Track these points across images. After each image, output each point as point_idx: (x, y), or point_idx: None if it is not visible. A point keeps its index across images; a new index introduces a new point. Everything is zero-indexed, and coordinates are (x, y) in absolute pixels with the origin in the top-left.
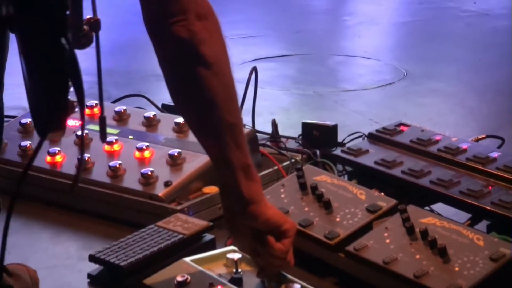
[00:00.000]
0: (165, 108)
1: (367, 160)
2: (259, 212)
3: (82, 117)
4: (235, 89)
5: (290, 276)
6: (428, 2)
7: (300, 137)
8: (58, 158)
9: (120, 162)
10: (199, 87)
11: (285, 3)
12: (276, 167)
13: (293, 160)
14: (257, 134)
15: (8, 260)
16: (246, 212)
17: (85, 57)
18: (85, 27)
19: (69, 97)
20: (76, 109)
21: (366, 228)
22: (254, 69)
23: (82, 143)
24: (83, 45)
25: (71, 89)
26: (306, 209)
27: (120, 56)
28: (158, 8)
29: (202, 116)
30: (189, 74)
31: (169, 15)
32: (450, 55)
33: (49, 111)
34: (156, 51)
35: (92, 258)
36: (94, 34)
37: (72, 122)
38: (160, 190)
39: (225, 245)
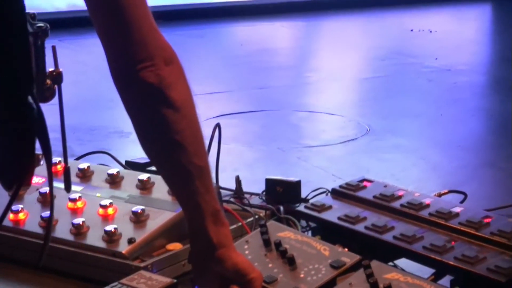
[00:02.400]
0: (128, 165)
1: (330, 216)
2: (228, 257)
3: (49, 175)
4: (202, 133)
5: None
6: (390, 58)
7: (264, 193)
8: (21, 215)
9: (83, 219)
10: (168, 130)
11: (248, 59)
12: (239, 224)
13: (256, 216)
14: (221, 190)
15: None
16: (214, 256)
17: (47, 114)
18: (48, 80)
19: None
20: (41, 162)
21: (330, 284)
22: (218, 125)
23: (52, 200)
24: (47, 98)
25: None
26: (270, 265)
27: (83, 113)
28: (125, 54)
29: (171, 159)
30: (158, 118)
31: (137, 61)
32: (413, 110)
33: (16, 166)
34: (122, 97)
35: None
36: (56, 87)
37: (35, 179)
38: (123, 247)
39: None
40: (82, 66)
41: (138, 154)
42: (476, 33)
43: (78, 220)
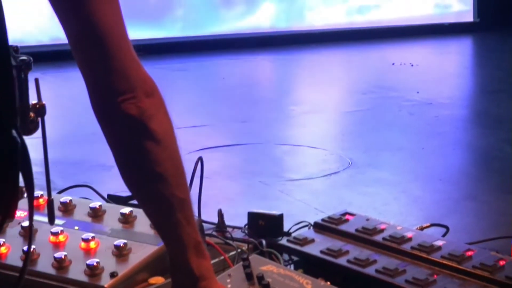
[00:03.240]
0: (111, 199)
1: (313, 250)
2: None
3: (30, 208)
4: (183, 165)
5: None
6: (372, 91)
7: (246, 226)
8: (3, 249)
9: (65, 253)
10: (149, 162)
11: (230, 93)
12: (222, 257)
13: (239, 250)
14: (203, 224)
15: None
16: None
17: (29, 147)
18: (31, 113)
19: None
20: (25, 195)
21: None
22: (200, 159)
23: (30, 233)
24: (30, 131)
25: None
26: None
27: (65, 146)
28: (106, 86)
29: (152, 191)
30: (139, 150)
31: (118, 93)
32: (394, 143)
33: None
34: (103, 129)
35: None
36: (39, 120)
37: (18, 213)
38: (105, 281)
39: None
40: (64, 99)
41: (120, 187)
42: (457, 66)
43: (60, 254)
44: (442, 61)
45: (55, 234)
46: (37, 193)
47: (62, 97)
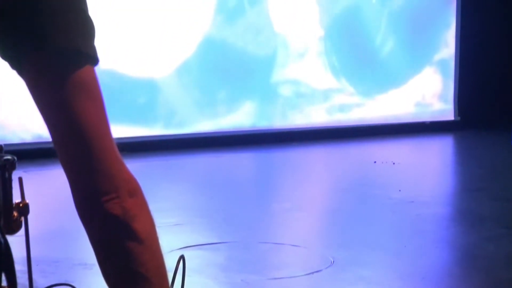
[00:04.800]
0: None
1: None
2: None
3: None
4: (165, 264)
5: None
6: (353, 189)
7: None
8: None
9: None
10: (132, 262)
11: (213, 190)
12: None
13: None
14: None
15: None
16: None
17: (11, 246)
18: (15, 212)
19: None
20: None
21: None
22: (182, 257)
23: None
24: (13, 230)
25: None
26: None
27: (47, 245)
28: (90, 186)
29: None
30: (122, 249)
31: (102, 193)
32: (377, 241)
33: None
34: (86, 228)
35: None
36: (23, 219)
37: None
38: None
39: None
40: (46, 198)
41: (102, 286)
42: (438, 164)
43: None
44: (423, 159)
45: None
46: None
47: (43, 195)
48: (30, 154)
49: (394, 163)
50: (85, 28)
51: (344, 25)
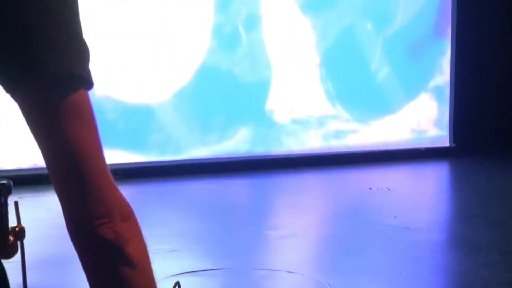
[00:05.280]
0: None
1: None
2: None
3: None
4: None
5: None
6: (349, 215)
7: None
8: None
9: None
10: (124, 287)
11: (208, 216)
12: None
13: None
14: None
15: None
16: None
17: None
18: (11, 237)
19: None
20: None
21: None
22: (177, 283)
23: None
24: (9, 255)
25: None
26: None
27: (41, 271)
28: (83, 210)
29: None
30: (114, 274)
31: (94, 217)
32: (372, 268)
33: None
34: (79, 252)
35: None
36: (19, 243)
37: None
38: None
39: None
40: (41, 223)
41: None
42: (434, 191)
43: None
44: (419, 186)
45: None
46: None
47: (38, 220)
48: (26, 180)
49: (389, 189)
50: (79, 52)
51: (340, 52)
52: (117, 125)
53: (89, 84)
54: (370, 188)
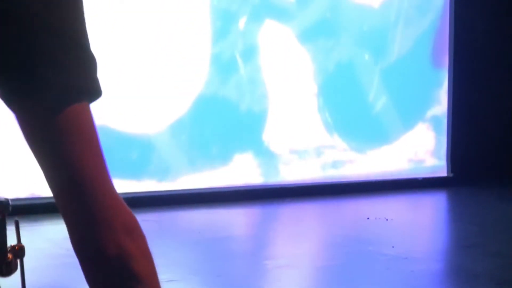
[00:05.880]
0: None
1: None
2: None
3: None
4: None
5: None
6: (347, 245)
7: None
8: None
9: None
10: None
11: (206, 246)
12: None
13: None
14: None
15: None
16: None
17: None
18: (9, 254)
19: None
20: None
21: None
22: None
23: None
24: (8, 273)
25: None
26: None
27: None
28: (86, 226)
29: None
30: None
31: (97, 232)
32: None
33: None
34: (84, 270)
35: None
36: (18, 261)
37: None
38: None
39: None
40: (39, 253)
41: None
42: (432, 221)
43: None
44: (416, 216)
45: None
46: None
47: (36, 250)
48: (23, 209)
49: (387, 219)
50: (82, 64)
51: (337, 82)
52: (115, 155)
53: (92, 96)
54: (368, 218)
